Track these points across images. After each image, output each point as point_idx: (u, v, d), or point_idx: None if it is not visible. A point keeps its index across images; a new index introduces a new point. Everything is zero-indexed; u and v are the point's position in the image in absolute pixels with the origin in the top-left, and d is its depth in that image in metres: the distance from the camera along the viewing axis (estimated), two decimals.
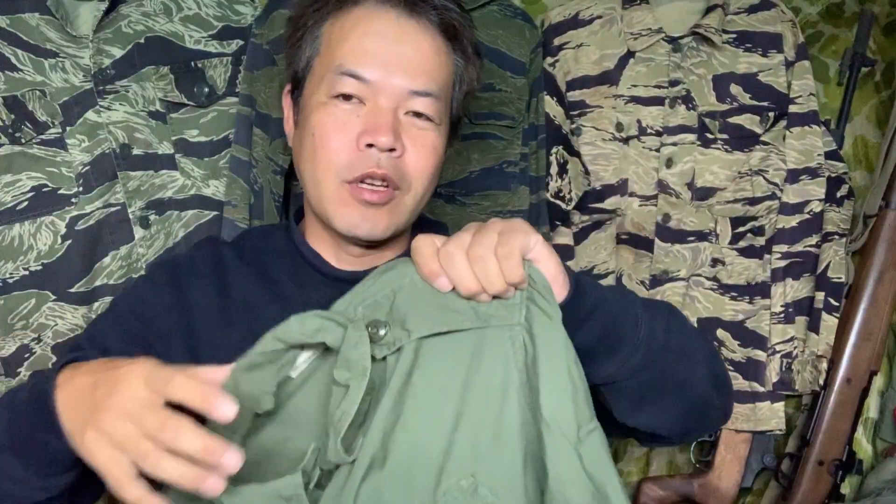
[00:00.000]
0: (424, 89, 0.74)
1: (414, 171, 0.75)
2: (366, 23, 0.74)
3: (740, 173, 1.30)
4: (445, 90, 0.78)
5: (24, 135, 1.02)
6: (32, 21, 1.03)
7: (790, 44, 1.31)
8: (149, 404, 0.53)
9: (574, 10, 1.35)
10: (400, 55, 0.73)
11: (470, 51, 0.80)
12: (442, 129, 0.78)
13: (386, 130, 0.72)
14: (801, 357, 1.31)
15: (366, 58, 0.73)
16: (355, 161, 0.73)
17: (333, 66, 0.74)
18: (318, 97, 0.76)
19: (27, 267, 1.04)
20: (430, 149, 0.76)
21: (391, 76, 0.73)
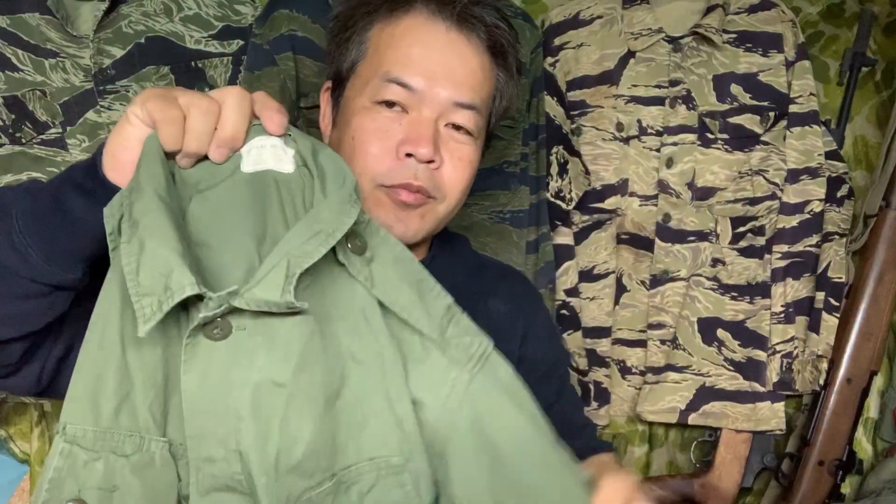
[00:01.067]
0: (468, 102, 0.75)
1: (449, 183, 0.77)
2: (416, 32, 0.75)
3: (740, 173, 1.30)
4: (486, 105, 0.79)
5: (24, 135, 1.02)
6: (33, 21, 1.03)
7: (790, 44, 1.31)
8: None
9: (574, 9, 1.35)
10: (447, 67, 0.74)
11: (513, 69, 0.81)
12: (479, 143, 0.79)
13: (427, 142, 0.73)
14: (802, 357, 1.31)
15: (413, 67, 0.74)
16: (394, 169, 0.74)
17: (380, 73, 0.75)
18: (360, 101, 0.76)
19: None
20: (467, 162, 0.77)
21: (436, 86, 0.74)
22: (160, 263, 0.50)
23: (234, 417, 0.53)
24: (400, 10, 0.76)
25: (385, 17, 0.77)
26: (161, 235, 0.51)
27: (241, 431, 0.54)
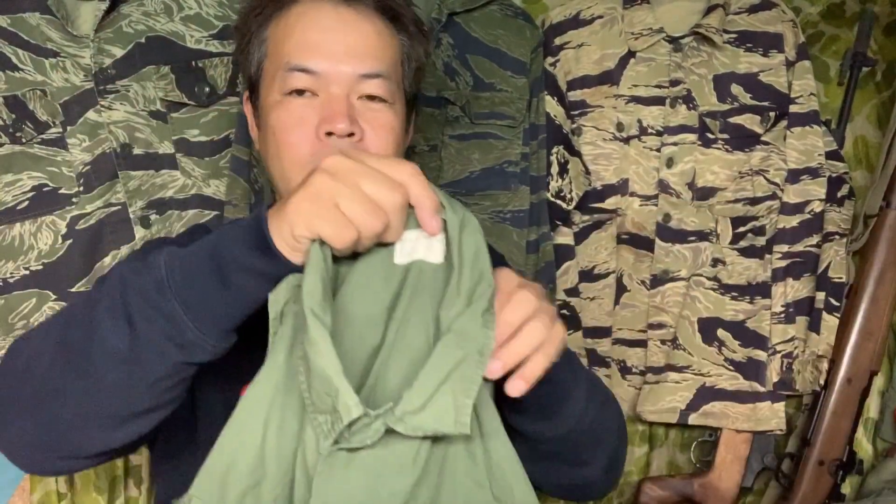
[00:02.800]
0: (373, 71, 0.76)
1: (376, 152, 0.76)
2: (306, 17, 0.76)
3: (741, 173, 1.30)
4: (394, 70, 0.79)
5: (24, 134, 1.02)
6: (33, 20, 1.03)
7: (791, 44, 1.31)
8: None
9: (575, 9, 1.35)
10: (344, 43, 0.75)
11: (412, 28, 0.82)
12: (397, 107, 0.79)
13: (342, 117, 0.73)
14: (802, 357, 1.31)
15: (311, 51, 0.75)
16: (318, 151, 0.74)
17: (282, 65, 0.76)
18: (272, 97, 0.77)
19: (28, 266, 1.04)
20: (388, 128, 0.77)
21: (338, 64, 0.75)
22: (326, 384, 0.51)
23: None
24: (288, 2, 0.78)
25: (276, 12, 0.78)
26: (323, 354, 0.51)
27: None
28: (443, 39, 1.24)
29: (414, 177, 0.56)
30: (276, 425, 0.55)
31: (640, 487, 1.36)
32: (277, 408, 0.55)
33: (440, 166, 1.23)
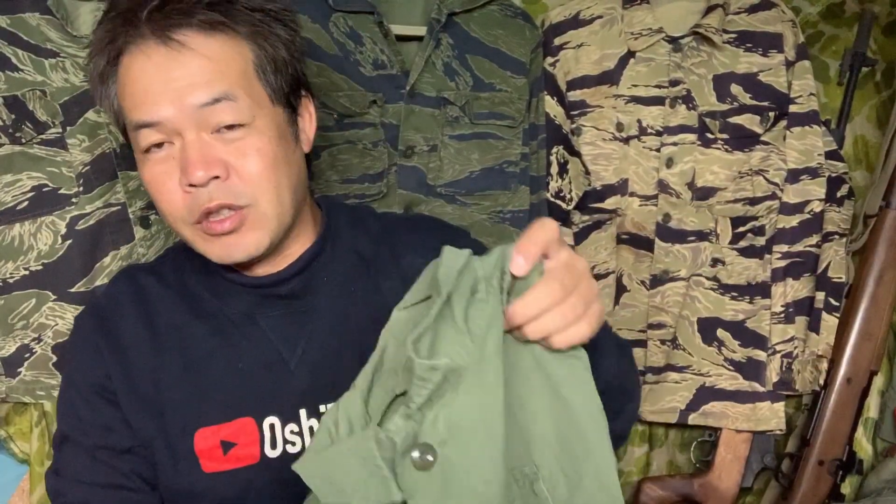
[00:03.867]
0: (212, 97, 0.70)
1: (249, 183, 0.71)
2: (131, 71, 0.71)
3: (740, 173, 1.30)
4: (243, 85, 0.72)
5: (24, 135, 1.02)
6: (33, 21, 1.03)
7: (790, 44, 1.31)
8: None
9: (574, 9, 1.35)
10: (171, 82, 0.69)
11: (257, 29, 0.73)
12: (260, 123, 0.72)
13: (197, 165, 0.69)
14: (802, 357, 1.31)
15: (142, 103, 0.70)
16: (189, 204, 0.71)
17: (131, 126, 0.73)
18: (139, 157, 0.75)
19: (27, 267, 1.04)
20: (254, 153, 0.71)
21: (175, 104, 0.69)
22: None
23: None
24: (115, 56, 0.72)
25: (111, 68, 0.73)
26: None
27: None
28: (442, 39, 1.24)
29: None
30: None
31: (639, 487, 1.36)
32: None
33: (440, 166, 1.23)
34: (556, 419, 0.59)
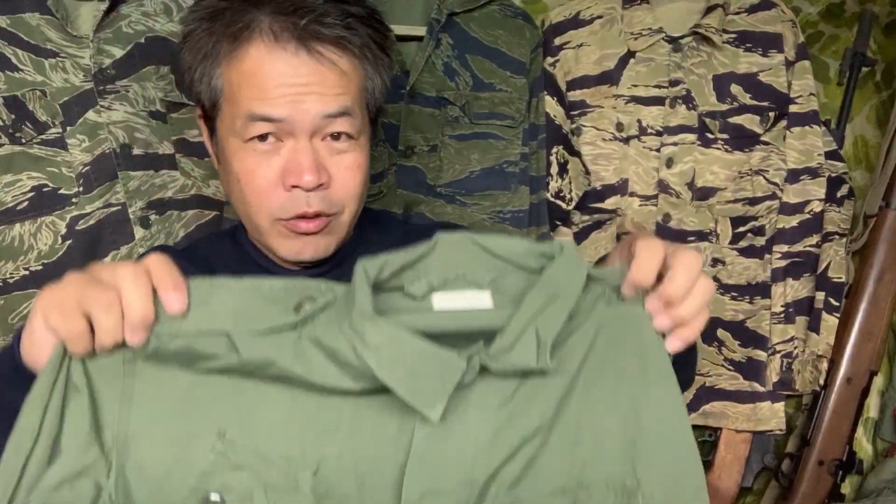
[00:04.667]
0: (337, 111, 0.74)
1: (344, 195, 0.76)
2: (263, 64, 0.73)
3: (740, 173, 1.31)
4: (358, 102, 0.77)
5: (24, 135, 1.02)
6: (33, 21, 1.03)
7: (790, 44, 1.31)
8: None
9: (574, 9, 1.35)
10: (304, 87, 0.73)
11: (376, 54, 0.79)
12: (362, 140, 0.78)
13: (308, 170, 0.72)
14: (802, 357, 1.31)
15: (271, 99, 0.72)
16: (286, 203, 0.74)
17: (242, 113, 0.74)
18: (234, 141, 0.75)
19: (28, 267, 1.04)
20: (355, 168, 0.77)
21: (300, 109, 0.72)
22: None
23: (472, 452, 0.58)
24: (242, 42, 0.73)
25: (229, 52, 0.74)
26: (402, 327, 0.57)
27: (478, 465, 0.58)
28: (442, 39, 1.24)
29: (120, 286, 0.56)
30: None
31: None
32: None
33: (440, 166, 1.23)
34: (664, 438, 0.61)
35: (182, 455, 0.56)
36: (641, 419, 0.61)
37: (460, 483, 0.58)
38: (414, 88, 1.22)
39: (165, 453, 0.56)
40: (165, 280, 0.57)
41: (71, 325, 0.55)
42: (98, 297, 0.55)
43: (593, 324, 0.61)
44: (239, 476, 0.57)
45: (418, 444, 0.57)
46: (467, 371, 0.56)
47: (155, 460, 0.56)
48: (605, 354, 0.61)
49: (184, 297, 0.57)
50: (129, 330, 0.56)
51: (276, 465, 0.57)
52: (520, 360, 0.56)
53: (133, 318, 0.56)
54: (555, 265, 0.60)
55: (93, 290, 0.56)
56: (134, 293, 0.56)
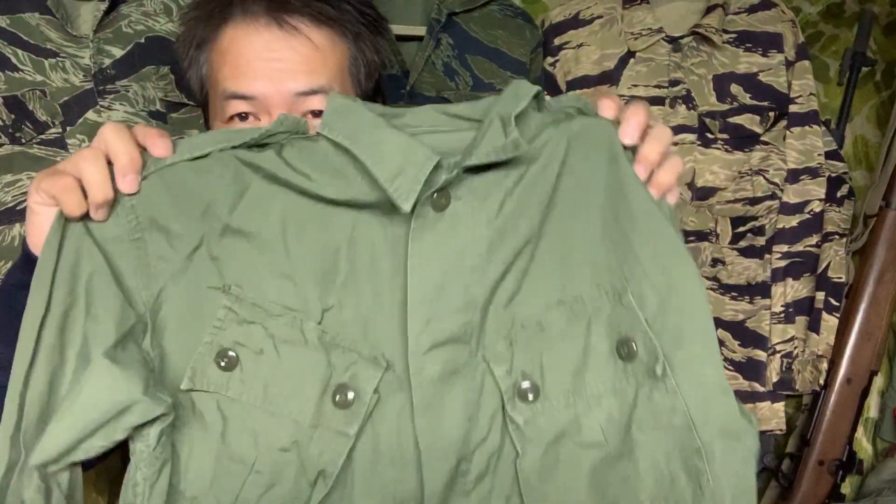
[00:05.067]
0: (310, 88, 0.74)
1: None
2: (237, 42, 0.74)
3: (740, 173, 1.30)
4: (339, 80, 0.76)
5: (24, 135, 1.02)
6: (32, 21, 1.03)
7: (790, 43, 1.31)
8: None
9: (574, 9, 1.35)
10: (277, 62, 0.73)
11: (359, 31, 0.79)
12: None
13: None
14: (802, 357, 1.31)
15: (244, 76, 0.73)
16: None
17: (220, 93, 0.75)
18: (217, 124, 0.77)
19: None
20: None
21: (273, 84, 0.73)
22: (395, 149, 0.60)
23: (469, 271, 0.60)
24: (219, 24, 0.75)
25: (211, 35, 0.76)
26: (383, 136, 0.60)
27: (476, 283, 0.60)
28: (442, 39, 1.24)
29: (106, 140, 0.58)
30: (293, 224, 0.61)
31: None
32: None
33: None
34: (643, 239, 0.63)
35: (197, 312, 0.59)
36: (622, 225, 0.63)
37: (461, 305, 0.60)
38: (414, 88, 1.21)
39: (185, 309, 0.59)
40: (148, 131, 0.60)
41: (59, 181, 0.56)
42: (82, 154, 0.57)
43: (563, 137, 0.63)
44: (248, 330, 0.59)
45: (413, 271, 0.59)
46: (444, 169, 0.58)
47: (177, 317, 0.59)
48: (580, 166, 0.63)
49: (169, 142, 0.60)
50: (119, 176, 0.57)
51: (281, 319, 0.60)
52: (490, 142, 0.58)
53: (122, 163, 0.57)
54: (510, 86, 0.62)
55: (78, 153, 0.58)
56: (118, 144, 0.58)
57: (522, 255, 0.62)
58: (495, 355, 0.61)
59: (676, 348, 0.61)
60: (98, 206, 0.57)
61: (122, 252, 0.58)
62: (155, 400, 0.55)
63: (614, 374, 0.61)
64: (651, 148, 0.63)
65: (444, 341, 0.59)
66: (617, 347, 0.62)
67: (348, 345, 0.60)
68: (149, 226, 0.59)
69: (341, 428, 0.59)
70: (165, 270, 0.59)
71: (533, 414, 0.60)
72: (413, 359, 0.59)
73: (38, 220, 0.58)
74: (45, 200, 0.57)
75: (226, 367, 0.58)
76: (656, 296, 0.62)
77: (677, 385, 0.61)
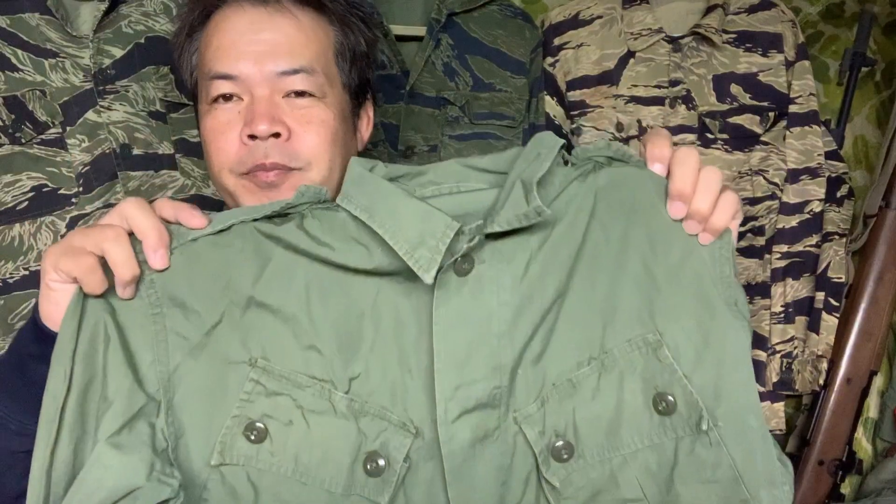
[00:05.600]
0: (291, 67, 0.74)
1: (307, 150, 0.74)
2: (223, 23, 0.75)
3: (740, 173, 1.30)
4: (322, 62, 0.76)
5: (24, 135, 1.02)
6: (32, 21, 1.03)
7: (790, 44, 1.31)
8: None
9: (574, 10, 1.35)
10: (259, 43, 0.74)
11: (346, 17, 0.79)
12: (329, 100, 0.76)
13: (262, 118, 0.72)
14: (801, 357, 1.31)
15: (227, 56, 0.74)
16: (244, 155, 0.73)
17: (205, 74, 0.75)
18: (203, 107, 0.77)
19: (27, 267, 1.04)
20: (318, 123, 0.75)
21: (255, 65, 0.73)
22: (413, 219, 0.59)
23: (496, 337, 0.59)
24: (210, 11, 0.77)
25: (202, 22, 0.77)
26: (402, 204, 0.60)
27: (504, 347, 0.59)
28: (442, 39, 1.24)
29: (129, 217, 0.59)
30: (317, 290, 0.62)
31: None
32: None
33: None
34: (682, 289, 0.62)
35: (221, 386, 0.59)
36: (655, 277, 0.62)
37: (489, 371, 0.59)
38: (414, 88, 1.22)
39: (206, 384, 0.59)
40: (178, 205, 0.60)
41: (81, 261, 0.56)
42: (103, 232, 0.57)
43: (590, 191, 0.63)
44: (276, 402, 0.59)
45: (439, 338, 0.59)
46: (466, 236, 0.58)
47: (198, 393, 0.59)
48: (608, 220, 0.62)
49: (202, 214, 0.60)
50: (150, 252, 0.58)
51: (309, 389, 0.59)
52: (511, 209, 0.58)
53: (153, 240, 0.58)
54: (533, 140, 0.63)
55: (96, 229, 0.58)
56: (145, 220, 0.58)
57: (550, 314, 0.61)
58: (527, 417, 0.60)
59: (717, 400, 0.60)
60: (126, 284, 0.57)
61: (139, 326, 0.58)
62: (160, 484, 0.55)
63: (650, 429, 0.60)
64: (702, 200, 0.62)
65: (474, 407, 0.59)
66: (654, 402, 0.60)
67: (377, 412, 0.60)
68: (168, 301, 0.59)
69: (373, 496, 0.58)
70: (183, 346, 0.59)
71: (568, 473, 0.60)
72: (442, 427, 0.58)
73: (56, 296, 0.58)
74: (64, 279, 0.57)
75: (255, 439, 0.58)
76: (693, 349, 0.60)
77: (721, 438, 0.59)
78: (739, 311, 0.62)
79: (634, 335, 0.61)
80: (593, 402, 0.60)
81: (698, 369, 0.60)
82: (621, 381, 0.60)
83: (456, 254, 0.57)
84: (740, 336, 0.61)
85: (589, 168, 0.64)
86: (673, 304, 0.61)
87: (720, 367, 0.60)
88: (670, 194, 0.61)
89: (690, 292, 0.61)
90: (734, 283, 0.63)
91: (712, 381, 0.60)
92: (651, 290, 0.61)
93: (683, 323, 0.61)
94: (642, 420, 0.60)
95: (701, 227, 0.62)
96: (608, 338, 0.61)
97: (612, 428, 0.60)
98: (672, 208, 0.62)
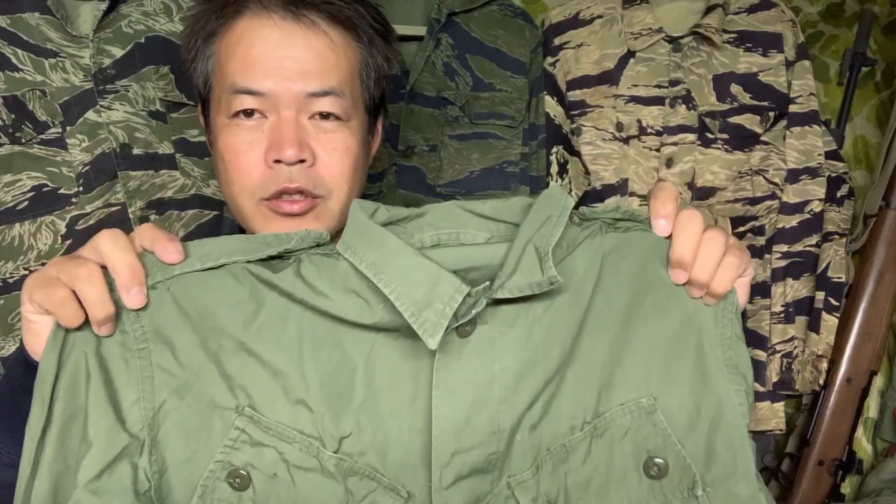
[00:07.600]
0: (322, 89, 0.71)
1: (330, 177, 0.73)
2: (250, 34, 0.71)
3: (740, 173, 1.30)
4: (349, 84, 0.74)
5: (24, 134, 1.02)
6: (33, 21, 1.03)
7: (790, 43, 1.31)
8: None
9: (574, 9, 1.35)
10: (290, 60, 0.70)
11: (372, 36, 0.76)
12: (353, 124, 0.75)
13: (290, 143, 0.69)
14: (802, 357, 1.31)
15: (255, 71, 0.70)
16: (268, 179, 0.71)
17: (227, 86, 0.72)
18: (220, 119, 0.74)
19: (27, 267, 1.04)
20: (343, 150, 0.73)
21: (285, 83, 0.70)
22: (418, 279, 0.57)
23: (496, 402, 0.58)
24: (232, 15, 0.72)
25: (220, 28, 0.73)
26: (407, 261, 0.58)
27: (503, 413, 0.58)
28: (442, 39, 1.24)
29: (102, 252, 0.56)
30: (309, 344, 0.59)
31: None
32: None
33: (440, 166, 1.23)
34: (672, 353, 0.61)
35: (206, 428, 0.57)
36: (655, 342, 0.61)
37: (487, 436, 0.58)
38: (414, 88, 1.22)
39: (191, 425, 0.57)
40: (157, 234, 0.57)
41: (53, 293, 0.54)
42: (76, 269, 0.55)
43: (597, 256, 0.61)
44: (261, 453, 0.58)
45: (438, 402, 0.57)
46: (473, 301, 0.56)
47: (182, 432, 0.57)
48: (612, 286, 0.61)
49: (180, 246, 0.57)
50: (123, 292, 0.55)
51: (296, 444, 0.58)
52: (525, 277, 0.56)
53: (124, 279, 0.55)
54: (542, 197, 0.61)
55: (70, 263, 0.55)
56: (117, 255, 0.55)
57: (553, 381, 0.60)
58: (521, 483, 0.59)
59: (708, 465, 0.59)
60: (100, 323, 0.55)
61: (123, 361, 0.56)
62: None
63: (639, 493, 0.59)
64: (702, 269, 0.59)
65: (469, 473, 0.58)
66: (644, 466, 0.59)
67: (367, 472, 0.58)
68: (154, 337, 0.57)
69: None
70: (170, 383, 0.57)
71: None
72: (436, 494, 0.57)
73: (36, 328, 0.57)
74: (38, 311, 0.56)
75: (239, 486, 0.57)
76: (686, 414, 0.60)
77: (709, 503, 0.59)
78: (738, 373, 0.61)
79: (628, 399, 0.60)
80: (584, 467, 0.60)
81: (691, 434, 0.60)
82: (611, 444, 0.60)
83: (461, 318, 0.56)
84: (733, 401, 0.60)
85: (596, 228, 0.62)
86: (670, 368, 0.60)
87: (712, 432, 0.59)
88: (671, 262, 0.60)
89: (688, 357, 0.60)
90: (736, 344, 0.61)
91: (704, 445, 0.59)
92: (650, 355, 0.61)
93: (679, 387, 0.60)
94: (631, 484, 0.59)
95: (702, 293, 0.60)
96: (603, 402, 0.60)
97: (601, 492, 0.59)
98: (673, 275, 0.61)
